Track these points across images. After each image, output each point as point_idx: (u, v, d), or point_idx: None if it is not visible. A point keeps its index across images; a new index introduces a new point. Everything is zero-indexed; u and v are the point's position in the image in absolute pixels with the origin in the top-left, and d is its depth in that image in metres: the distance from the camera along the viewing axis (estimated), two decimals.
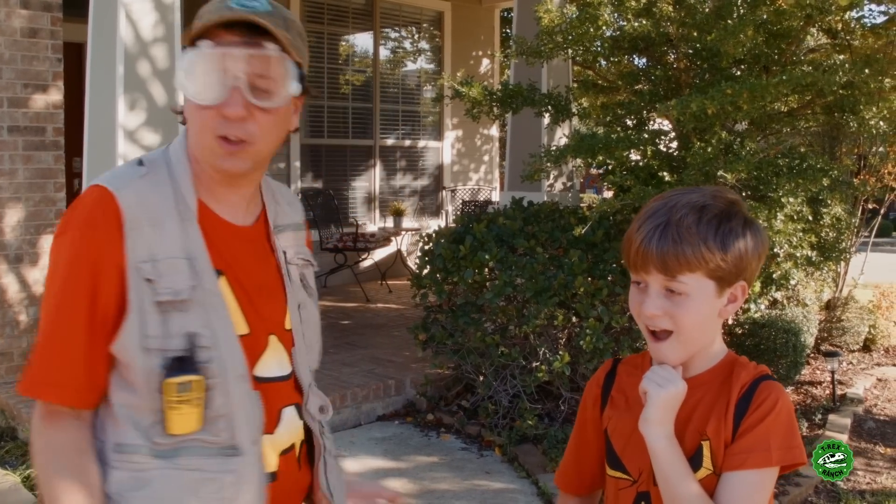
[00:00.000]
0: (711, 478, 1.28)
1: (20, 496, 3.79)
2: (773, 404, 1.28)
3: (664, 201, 1.33)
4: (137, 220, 1.24)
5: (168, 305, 1.23)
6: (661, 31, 4.22)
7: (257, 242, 1.38)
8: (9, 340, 5.10)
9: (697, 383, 1.34)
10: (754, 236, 1.31)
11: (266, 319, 1.35)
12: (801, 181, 3.83)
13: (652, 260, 1.28)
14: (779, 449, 1.26)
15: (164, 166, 1.31)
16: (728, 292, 1.31)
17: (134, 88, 3.67)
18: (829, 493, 4.21)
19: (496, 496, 3.88)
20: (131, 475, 1.25)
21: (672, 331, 1.30)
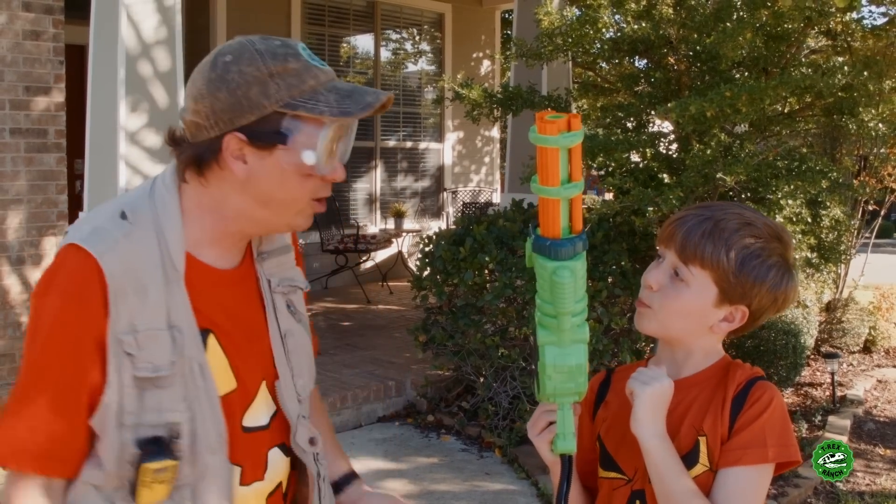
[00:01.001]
0: (708, 474, 1.30)
1: None
2: (769, 402, 1.29)
3: (727, 204, 1.39)
4: (122, 288, 1.17)
5: (146, 382, 1.18)
6: (660, 33, 4.24)
7: (245, 282, 1.33)
8: (10, 342, 5.12)
9: (693, 382, 1.36)
10: (779, 278, 1.32)
11: (256, 366, 1.31)
12: (801, 183, 3.84)
13: (677, 240, 1.32)
14: (775, 446, 1.27)
15: (149, 218, 1.22)
16: (727, 309, 1.33)
17: (135, 90, 3.69)
18: (828, 495, 4.22)
19: (496, 497, 3.90)
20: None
21: (651, 307, 1.34)
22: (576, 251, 1.17)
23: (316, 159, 1.18)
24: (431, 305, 4.83)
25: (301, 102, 1.16)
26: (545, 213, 1.17)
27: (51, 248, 5.23)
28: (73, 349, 1.17)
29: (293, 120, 1.17)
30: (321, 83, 1.19)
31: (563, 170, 1.13)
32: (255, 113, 1.16)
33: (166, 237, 1.21)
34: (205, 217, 1.24)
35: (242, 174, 1.20)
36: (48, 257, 5.22)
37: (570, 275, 1.16)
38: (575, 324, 1.21)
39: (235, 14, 7.56)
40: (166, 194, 1.24)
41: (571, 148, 1.13)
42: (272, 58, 1.17)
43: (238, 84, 1.16)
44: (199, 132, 1.20)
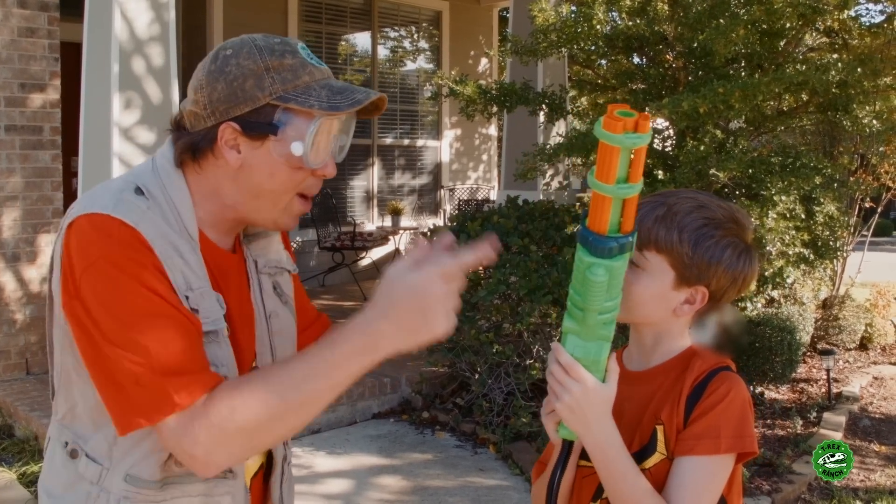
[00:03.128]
0: (665, 462, 1.30)
1: (16, 492, 3.81)
2: (726, 393, 1.29)
3: (682, 190, 1.39)
4: (166, 251, 1.18)
5: (209, 335, 1.21)
6: (654, 30, 4.24)
7: (237, 263, 1.36)
8: (6, 339, 5.12)
9: (657, 372, 1.37)
10: (735, 257, 1.32)
11: (247, 347, 1.34)
12: (794, 179, 3.84)
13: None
14: (729, 437, 1.27)
15: (161, 195, 1.24)
16: (687, 291, 1.34)
17: (129, 87, 3.69)
18: (822, 491, 4.22)
19: (490, 493, 3.90)
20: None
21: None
22: (619, 251, 1.15)
23: (304, 150, 1.22)
24: None
25: (293, 96, 1.20)
26: (595, 208, 1.16)
27: (46, 246, 5.23)
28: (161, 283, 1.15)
29: (285, 112, 1.21)
30: (315, 80, 1.23)
31: (621, 169, 1.11)
32: (250, 104, 1.20)
33: (180, 212, 1.24)
34: (205, 201, 1.28)
35: (235, 163, 1.23)
36: (43, 255, 5.22)
37: (604, 273, 1.15)
38: (602, 321, 1.20)
39: (232, 11, 7.56)
40: (173, 174, 1.26)
41: (636, 149, 1.11)
42: (270, 53, 1.21)
43: (235, 76, 1.20)
44: (197, 121, 1.24)
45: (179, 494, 1.25)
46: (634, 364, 1.42)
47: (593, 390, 1.23)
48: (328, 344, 1.14)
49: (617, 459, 1.26)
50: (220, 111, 1.21)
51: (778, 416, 5.15)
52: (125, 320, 1.12)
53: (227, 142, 1.23)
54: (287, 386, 1.13)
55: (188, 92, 1.26)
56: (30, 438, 4.41)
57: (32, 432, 4.40)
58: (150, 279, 1.15)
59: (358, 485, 3.96)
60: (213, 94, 1.21)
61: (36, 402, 4.64)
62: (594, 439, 1.25)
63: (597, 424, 1.24)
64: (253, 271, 1.37)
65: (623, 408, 1.34)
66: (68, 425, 1.29)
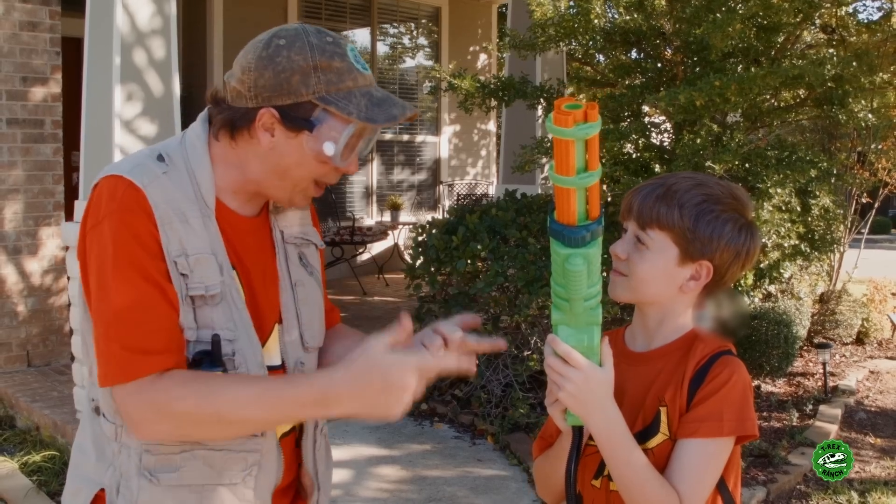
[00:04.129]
0: (667, 443, 1.34)
1: (18, 481, 3.85)
2: (729, 377, 1.32)
3: (681, 172, 1.43)
4: (167, 215, 1.27)
5: (200, 300, 1.28)
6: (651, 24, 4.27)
7: (262, 231, 1.43)
8: (7, 331, 5.15)
9: (660, 354, 1.40)
10: (737, 232, 1.36)
11: (270, 311, 1.40)
12: (790, 172, 3.88)
13: (633, 209, 1.38)
14: (731, 420, 1.30)
15: (182, 162, 1.33)
16: (692, 267, 1.36)
17: (130, 79, 3.72)
18: (818, 482, 4.25)
19: (487, 482, 3.94)
20: (163, 458, 1.30)
21: (625, 274, 1.38)
22: (591, 238, 1.18)
23: (334, 152, 1.30)
24: (425, 294, 4.87)
25: (334, 99, 1.28)
26: (561, 201, 1.18)
27: (47, 238, 5.26)
28: (145, 247, 1.24)
29: (323, 112, 1.29)
30: (358, 86, 1.30)
31: (578, 159, 1.14)
32: (292, 98, 1.28)
33: (198, 179, 1.32)
34: (228, 171, 1.35)
35: (268, 146, 1.31)
36: (45, 247, 5.25)
37: (582, 262, 1.18)
38: (588, 307, 1.23)
39: (232, 6, 7.59)
40: (197, 143, 1.35)
41: (588, 139, 1.13)
42: (320, 53, 1.28)
43: (284, 68, 1.27)
44: (238, 98, 1.31)
45: (198, 447, 1.30)
46: (638, 344, 1.45)
47: (593, 376, 1.26)
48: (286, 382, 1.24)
49: (621, 441, 1.29)
50: (264, 97, 1.28)
51: (774, 409, 5.18)
52: (107, 289, 1.24)
53: (263, 125, 1.29)
54: (228, 402, 1.22)
55: (234, 67, 1.32)
56: (31, 429, 4.44)
57: (34, 423, 4.44)
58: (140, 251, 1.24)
59: (357, 475, 4.00)
60: (259, 80, 1.28)
61: (37, 394, 4.68)
62: (598, 423, 1.28)
63: (600, 408, 1.28)
64: (279, 240, 1.44)
65: (625, 388, 1.37)
66: (91, 385, 1.37)
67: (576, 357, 1.26)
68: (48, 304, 5.30)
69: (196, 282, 1.27)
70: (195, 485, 1.32)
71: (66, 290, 5.31)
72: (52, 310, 5.31)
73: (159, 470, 1.30)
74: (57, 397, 4.59)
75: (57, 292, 5.33)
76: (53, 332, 5.33)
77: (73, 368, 4.25)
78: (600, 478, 1.40)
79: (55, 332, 5.33)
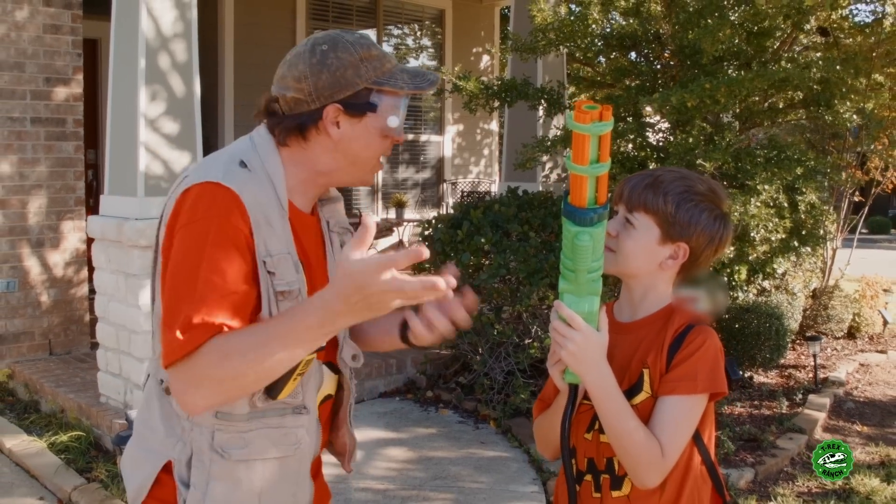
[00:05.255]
0: (649, 400, 1.56)
1: (48, 459, 4.07)
2: (702, 343, 1.55)
3: (667, 167, 1.67)
4: (257, 219, 1.42)
5: (283, 294, 1.45)
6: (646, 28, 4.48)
7: (316, 224, 1.64)
8: (31, 320, 5.38)
9: (644, 323, 1.63)
10: (712, 220, 1.59)
11: None
12: (777, 170, 4.08)
13: (624, 195, 1.61)
14: (704, 380, 1.53)
15: (261, 168, 1.48)
16: (671, 247, 1.60)
17: (155, 80, 3.93)
18: (804, 465, 4.46)
19: (490, 462, 4.16)
20: (234, 436, 1.50)
21: (615, 250, 1.60)
22: (598, 219, 1.40)
23: (398, 123, 1.54)
24: None
25: (385, 80, 1.50)
26: (574, 186, 1.41)
27: (69, 232, 5.49)
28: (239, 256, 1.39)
29: (378, 94, 1.50)
30: (394, 66, 1.53)
31: (592, 152, 1.37)
32: (351, 89, 1.49)
33: (274, 183, 1.50)
34: (299, 171, 1.55)
35: (336, 136, 1.51)
36: (67, 240, 5.48)
37: (589, 239, 1.41)
38: (591, 279, 1.45)
39: (242, 9, 7.80)
40: (270, 149, 1.53)
41: (602, 135, 1.36)
42: (360, 47, 1.50)
43: (337, 67, 1.48)
44: (298, 105, 1.49)
45: (261, 426, 1.51)
46: (624, 316, 1.67)
47: (591, 337, 1.48)
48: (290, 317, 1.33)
49: (612, 396, 1.51)
50: (325, 96, 1.48)
51: (765, 398, 5.39)
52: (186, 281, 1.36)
53: (331, 120, 1.49)
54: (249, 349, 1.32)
55: (285, 82, 1.49)
56: (56, 412, 4.66)
57: (59, 406, 4.66)
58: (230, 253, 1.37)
59: (366, 455, 4.22)
60: (318, 83, 1.47)
61: (60, 380, 4.90)
62: (594, 379, 1.49)
63: (595, 367, 1.49)
64: (326, 230, 1.66)
65: (613, 353, 1.58)
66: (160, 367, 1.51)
67: (578, 320, 1.47)
68: (69, 295, 5.52)
69: (280, 279, 1.44)
70: (259, 458, 1.52)
71: (86, 282, 5.54)
72: (73, 300, 5.53)
73: (230, 446, 1.49)
74: (80, 382, 4.81)
75: (78, 284, 5.56)
76: (74, 321, 5.55)
77: (97, 356, 4.48)
78: (592, 431, 1.62)
79: (76, 322, 5.56)
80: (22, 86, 5.21)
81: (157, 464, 1.53)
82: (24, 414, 4.77)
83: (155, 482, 1.53)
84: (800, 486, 4.19)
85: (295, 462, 1.56)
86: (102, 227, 4.17)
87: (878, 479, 4.23)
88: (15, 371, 5.19)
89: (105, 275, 4.23)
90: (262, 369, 1.34)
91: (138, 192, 3.96)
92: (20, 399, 5.04)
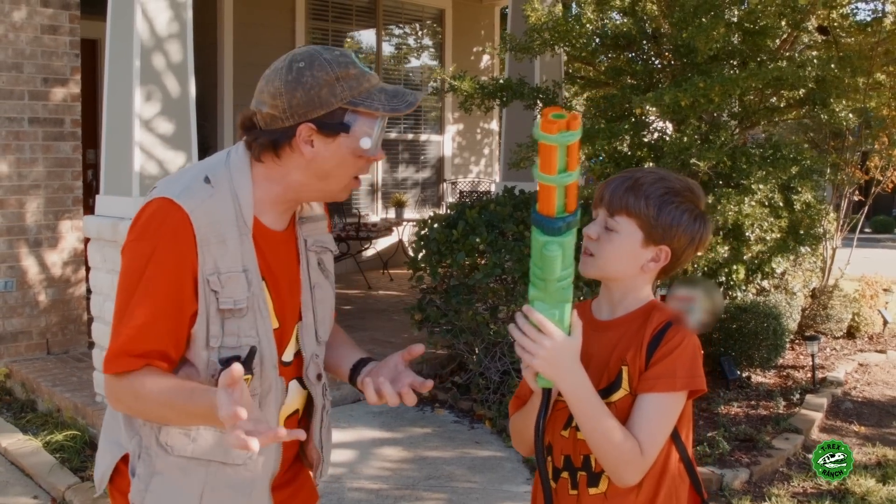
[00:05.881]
0: (628, 398, 1.56)
1: (42, 458, 4.08)
2: (680, 341, 1.55)
3: (644, 168, 1.66)
4: (207, 238, 1.46)
5: (228, 313, 1.48)
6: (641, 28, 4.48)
7: (289, 242, 1.64)
8: (28, 320, 5.40)
9: (623, 321, 1.63)
10: (692, 221, 1.58)
11: (293, 313, 1.63)
12: (772, 169, 4.08)
13: (604, 198, 1.59)
14: (683, 377, 1.53)
15: (226, 184, 1.52)
16: (653, 250, 1.59)
17: (149, 81, 3.94)
18: (800, 465, 4.45)
19: (484, 462, 4.16)
20: (181, 434, 1.54)
21: (594, 254, 1.59)
22: (566, 228, 1.38)
23: (371, 145, 1.53)
24: (427, 286, 5.09)
25: (360, 101, 1.48)
26: (543, 196, 1.39)
27: (67, 232, 5.50)
28: (178, 279, 1.46)
29: (353, 114, 1.49)
30: (373, 85, 1.53)
31: (560, 161, 1.34)
32: (325, 108, 1.48)
33: (240, 200, 1.53)
34: (272, 186, 1.56)
35: (309, 155, 1.51)
36: (64, 240, 5.50)
37: (557, 248, 1.38)
38: (561, 287, 1.42)
39: (241, 9, 7.81)
40: (242, 167, 1.55)
41: (569, 145, 1.34)
42: (337, 65, 1.48)
43: (312, 85, 1.47)
44: (273, 121, 1.49)
45: (211, 429, 1.54)
46: (603, 314, 1.67)
47: (563, 343, 1.45)
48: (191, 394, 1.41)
49: (588, 400, 1.49)
50: (300, 114, 1.47)
51: (762, 398, 5.38)
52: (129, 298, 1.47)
53: (304, 138, 1.49)
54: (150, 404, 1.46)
55: (262, 97, 1.51)
56: (52, 411, 4.68)
57: (55, 405, 4.68)
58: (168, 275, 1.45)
59: (361, 455, 4.22)
60: (292, 101, 1.47)
61: (57, 379, 4.92)
62: (568, 384, 1.48)
63: (569, 372, 1.47)
64: (303, 248, 1.67)
65: (591, 351, 1.58)
66: None
67: (548, 326, 1.44)
68: (67, 295, 5.54)
69: (226, 297, 1.48)
70: (203, 459, 1.55)
71: (83, 282, 5.55)
72: (70, 300, 5.55)
73: (175, 443, 1.54)
74: (76, 382, 4.83)
75: (75, 283, 5.57)
76: (72, 321, 5.57)
77: (92, 355, 4.49)
78: (568, 428, 1.62)
79: (73, 322, 5.58)
80: (20, 86, 5.23)
81: (117, 455, 1.61)
82: (20, 413, 4.79)
83: (115, 472, 1.61)
84: (795, 487, 4.19)
85: (247, 472, 1.58)
86: (98, 227, 4.18)
87: (874, 480, 4.22)
88: (12, 370, 5.21)
89: (101, 274, 4.24)
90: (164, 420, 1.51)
91: (133, 192, 3.97)
92: (17, 398, 5.06)
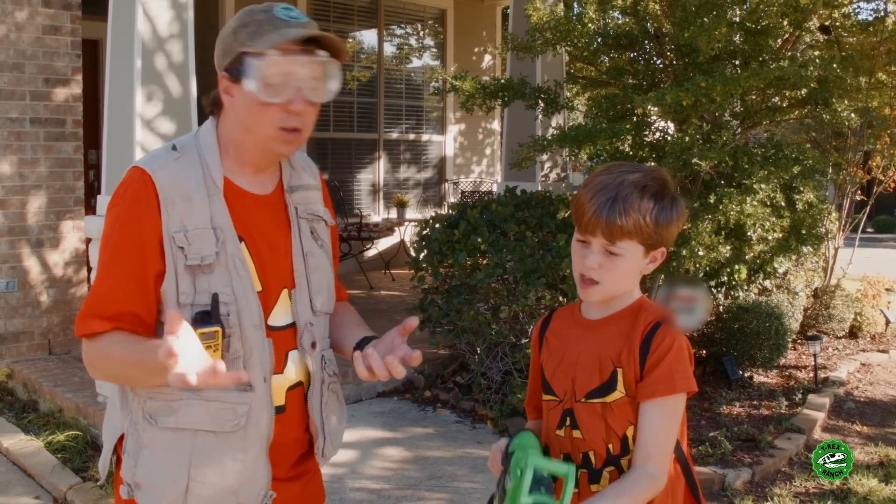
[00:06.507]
0: (624, 399, 1.58)
1: (44, 458, 4.09)
2: (671, 344, 1.56)
3: (612, 176, 1.58)
4: (171, 197, 1.49)
5: (196, 269, 1.49)
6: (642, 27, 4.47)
7: (275, 207, 1.63)
8: (30, 320, 5.40)
9: (610, 321, 1.64)
10: (677, 210, 1.60)
11: (278, 277, 1.61)
12: (774, 169, 4.07)
13: (601, 227, 1.55)
14: (681, 379, 1.55)
15: (194, 150, 1.56)
16: (651, 255, 1.61)
17: (151, 81, 3.95)
18: (802, 465, 4.45)
19: (485, 462, 4.15)
20: (164, 404, 1.53)
21: (599, 281, 1.58)
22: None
23: (255, 87, 1.49)
24: (428, 286, 5.09)
25: (252, 43, 1.48)
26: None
27: (68, 232, 5.51)
28: (139, 240, 1.49)
29: (249, 57, 1.48)
30: (277, 28, 1.49)
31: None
32: (230, 56, 1.51)
33: (207, 163, 1.56)
34: (229, 147, 1.59)
35: (229, 106, 1.55)
36: (66, 240, 5.50)
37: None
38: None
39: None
40: (208, 133, 1.60)
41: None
42: (249, 13, 1.51)
43: (224, 35, 1.53)
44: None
45: (194, 397, 1.52)
46: (592, 314, 1.68)
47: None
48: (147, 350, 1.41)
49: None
50: (219, 65, 1.53)
51: (764, 398, 5.37)
52: (98, 268, 1.54)
53: (223, 89, 1.54)
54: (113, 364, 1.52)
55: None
56: (54, 411, 4.68)
57: (56, 406, 4.68)
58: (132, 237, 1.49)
59: (363, 455, 4.22)
60: (217, 53, 1.54)
61: (59, 379, 4.92)
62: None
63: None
64: (294, 216, 1.66)
65: (581, 349, 1.61)
66: None
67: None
68: (69, 295, 5.54)
69: (193, 253, 1.50)
70: (189, 429, 1.53)
71: (85, 282, 5.56)
72: (72, 300, 5.55)
73: (159, 413, 1.53)
74: (78, 382, 4.83)
75: (77, 283, 5.58)
76: (74, 321, 5.57)
77: None
78: (563, 427, 1.63)
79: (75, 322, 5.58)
80: (21, 86, 5.24)
81: (114, 437, 1.62)
82: (22, 413, 4.79)
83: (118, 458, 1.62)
84: (797, 487, 4.18)
85: (238, 440, 1.55)
86: (100, 227, 4.15)
87: (877, 480, 4.21)
88: (14, 371, 5.21)
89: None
90: (134, 382, 1.54)
91: None
92: (19, 398, 5.06)
